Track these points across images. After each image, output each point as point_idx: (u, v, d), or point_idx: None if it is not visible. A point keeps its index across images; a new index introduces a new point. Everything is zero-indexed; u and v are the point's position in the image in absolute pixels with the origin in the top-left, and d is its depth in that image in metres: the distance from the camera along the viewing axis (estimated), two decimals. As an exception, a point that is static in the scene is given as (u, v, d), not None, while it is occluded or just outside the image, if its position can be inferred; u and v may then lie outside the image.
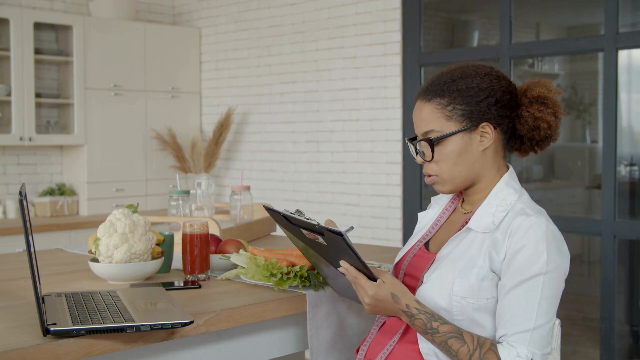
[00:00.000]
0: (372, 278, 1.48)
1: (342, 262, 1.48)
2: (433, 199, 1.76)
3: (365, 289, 1.46)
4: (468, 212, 1.60)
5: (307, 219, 1.48)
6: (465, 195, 1.62)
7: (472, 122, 1.52)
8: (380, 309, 1.48)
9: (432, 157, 1.54)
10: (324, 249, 1.51)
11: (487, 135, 1.53)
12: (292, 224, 1.53)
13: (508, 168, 1.59)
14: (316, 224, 1.43)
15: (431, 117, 1.54)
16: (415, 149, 1.58)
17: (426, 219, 1.71)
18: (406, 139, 1.62)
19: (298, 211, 1.55)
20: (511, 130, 1.58)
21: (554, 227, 1.46)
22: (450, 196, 1.70)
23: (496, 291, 1.46)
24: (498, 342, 1.43)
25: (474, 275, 1.46)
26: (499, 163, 1.57)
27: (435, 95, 1.55)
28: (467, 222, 1.56)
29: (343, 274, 1.51)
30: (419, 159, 1.58)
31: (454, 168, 1.54)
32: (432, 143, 1.53)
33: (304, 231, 1.50)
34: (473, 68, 1.57)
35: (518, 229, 1.44)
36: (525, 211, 1.47)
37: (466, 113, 1.52)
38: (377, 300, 1.46)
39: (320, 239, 1.46)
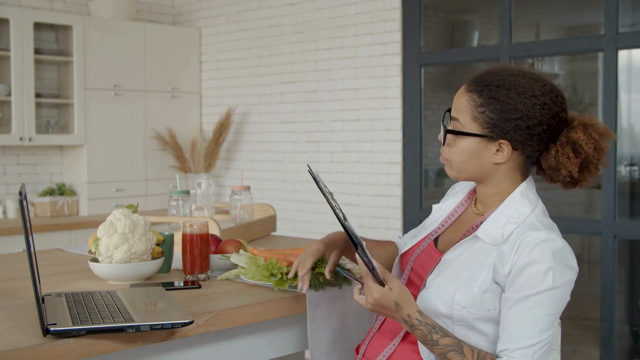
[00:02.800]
0: (381, 281, 1.47)
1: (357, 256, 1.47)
2: (449, 192, 1.75)
3: (372, 290, 1.45)
4: (480, 213, 1.58)
5: (334, 203, 1.44)
6: (478, 194, 1.61)
7: (493, 133, 1.49)
8: (381, 311, 1.48)
9: (443, 144, 1.55)
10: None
11: (502, 153, 1.50)
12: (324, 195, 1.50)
13: (526, 177, 1.56)
14: (342, 217, 1.41)
15: (462, 108, 1.52)
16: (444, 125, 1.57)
17: (439, 213, 1.70)
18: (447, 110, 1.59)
19: (331, 194, 1.50)
20: (537, 157, 1.53)
21: (563, 243, 1.44)
22: (466, 191, 1.68)
23: (499, 302, 1.45)
24: (498, 357, 1.42)
25: (477, 288, 1.45)
26: (515, 177, 1.54)
27: (474, 91, 1.51)
28: (475, 228, 1.54)
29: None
30: (439, 137, 1.58)
31: (462, 164, 1.54)
32: (449, 132, 1.53)
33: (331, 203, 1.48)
34: (528, 83, 1.49)
35: (526, 244, 1.42)
36: (535, 226, 1.45)
37: (492, 123, 1.48)
38: (380, 305, 1.45)
39: (344, 224, 1.44)
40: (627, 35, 3.30)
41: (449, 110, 1.58)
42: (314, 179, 1.47)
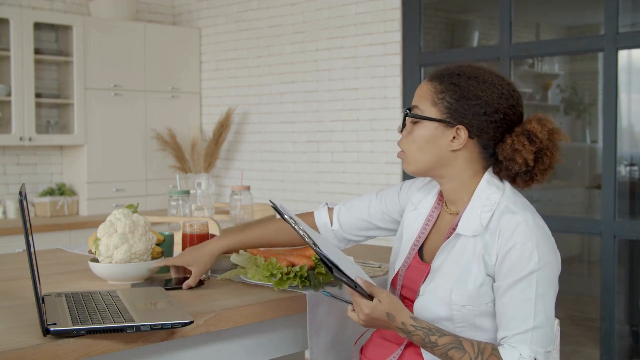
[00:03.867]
0: (368, 295, 1.45)
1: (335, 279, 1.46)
2: (417, 203, 1.71)
3: (361, 306, 1.44)
4: (454, 213, 1.59)
5: (302, 232, 1.42)
6: (444, 194, 1.61)
7: (451, 118, 1.51)
8: (375, 325, 1.47)
9: (402, 129, 1.57)
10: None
11: (459, 140, 1.51)
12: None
13: (487, 169, 1.56)
14: (312, 243, 1.40)
15: (422, 95, 1.55)
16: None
17: (414, 226, 1.67)
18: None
19: (292, 219, 1.50)
20: (493, 149, 1.54)
21: (540, 222, 1.46)
22: (435, 193, 1.68)
23: (493, 293, 1.46)
24: (499, 345, 1.43)
25: (472, 283, 1.46)
26: (475, 169, 1.55)
27: (436, 78, 1.55)
28: (455, 228, 1.54)
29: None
30: (398, 129, 1.59)
31: (418, 153, 1.55)
32: (408, 117, 1.55)
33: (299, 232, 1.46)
34: (489, 75, 1.53)
35: (505, 229, 1.44)
36: (510, 209, 1.47)
37: (451, 108, 1.51)
38: (372, 318, 1.44)
39: (315, 249, 1.42)
40: (627, 35, 3.30)
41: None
42: (279, 212, 1.48)
